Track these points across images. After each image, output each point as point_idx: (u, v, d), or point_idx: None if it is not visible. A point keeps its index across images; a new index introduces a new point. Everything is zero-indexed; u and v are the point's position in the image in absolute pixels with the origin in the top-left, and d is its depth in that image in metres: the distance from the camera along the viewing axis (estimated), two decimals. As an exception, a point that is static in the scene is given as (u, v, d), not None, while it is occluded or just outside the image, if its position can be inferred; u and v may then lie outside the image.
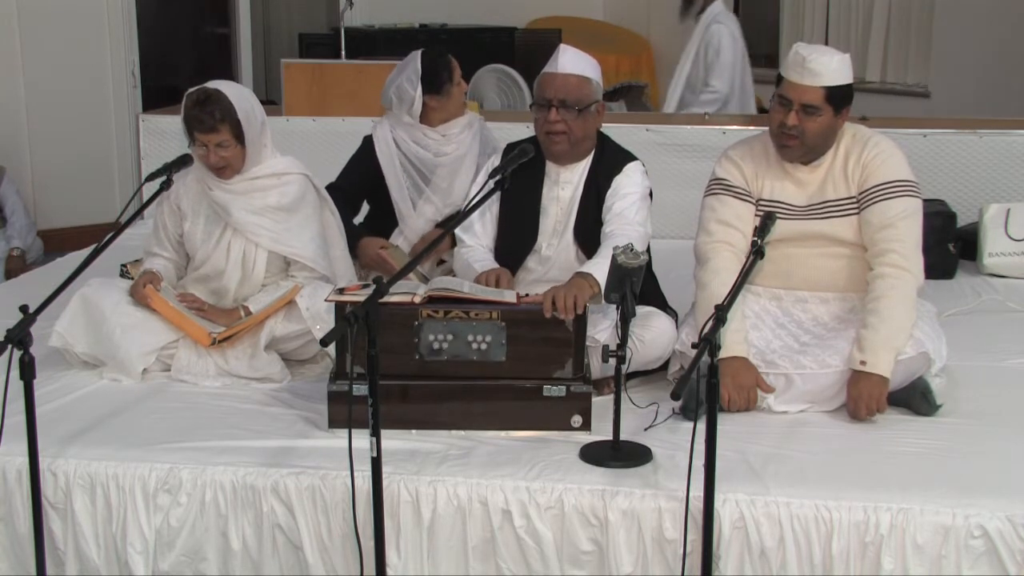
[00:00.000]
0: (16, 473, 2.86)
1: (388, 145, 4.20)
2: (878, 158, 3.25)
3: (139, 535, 2.84)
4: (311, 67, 5.84)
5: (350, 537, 2.72)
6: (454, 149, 4.13)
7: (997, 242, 4.76)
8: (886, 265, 3.17)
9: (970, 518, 2.59)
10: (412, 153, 4.17)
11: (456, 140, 4.13)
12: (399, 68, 4.17)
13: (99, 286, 3.52)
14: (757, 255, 2.82)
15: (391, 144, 4.20)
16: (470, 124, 4.16)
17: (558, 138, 3.32)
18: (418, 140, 4.15)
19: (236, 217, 3.52)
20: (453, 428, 3.02)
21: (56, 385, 3.35)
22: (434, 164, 4.15)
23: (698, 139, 5.34)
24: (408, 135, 4.14)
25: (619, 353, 2.83)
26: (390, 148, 4.21)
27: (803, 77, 3.17)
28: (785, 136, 3.23)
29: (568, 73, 3.29)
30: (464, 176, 4.12)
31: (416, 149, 4.17)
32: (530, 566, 2.72)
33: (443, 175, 4.14)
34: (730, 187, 3.34)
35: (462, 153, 4.12)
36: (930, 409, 3.13)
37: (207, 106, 3.38)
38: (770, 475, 2.74)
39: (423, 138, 4.15)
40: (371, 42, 8.13)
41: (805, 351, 3.18)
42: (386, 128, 4.17)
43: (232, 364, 3.41)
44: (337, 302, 3.02)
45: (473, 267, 3.36)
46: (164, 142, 5.69)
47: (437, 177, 4.14)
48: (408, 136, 4.14)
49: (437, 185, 4.15)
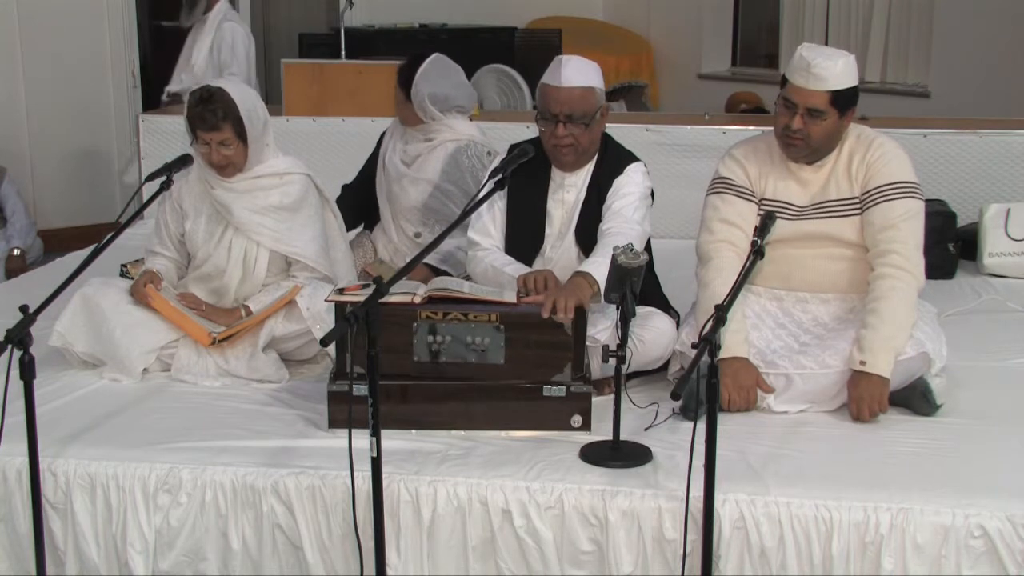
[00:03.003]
0: (16, 473, 2.86)
1: (383, 144, 4.25)
2: (882, 159, 3.25)
3: (139, 535, 2.83)
4: (311, 67, 5.84)
5: (350, 537, 2.72)
6: (417, 166, 4.12)
7: (997, 242, 4.76)
8: (887, 266, 3.17)
9: (970, 518, 2.59)
10: (388, 156, 4.19)
11: (417, 153, 4.12)
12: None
13: (99, 286, 3.52)
14: (757, 255, 2.82)
15: (385, 144, 4.24)
16: (434, 148, 4.11)
17: (566, 151, 3.32)
18: (396, 143, 4.18)
19: (238, 216, 3.52)
20: (453, 428, 3.02)
21: (56, 385, 3.35)
22: (399, 173, 4.15)
23: (698, 139, 5.34)
24: (394, 133, 4.19)
25: (619, 353, 2.82)
26: (383, 147, 4.24)
27: (808, 82, 3.16)
28: (790, 138, 3.23)
29: (572, 86, 3.26)
30: (415, 196, 4.11)
31: (390, 153, 4.19)
32: (530, 566, 2.72)
33: (404, 185, 4.13)
34: (733, 186, 3.34)
35: (418, 177, 4.11)
36: (930, 409, 3.13)
37: (210, 104, 3.39)
38: (770, 475, 2.74)
39: (399, 141, 4.18)
40: (371, 42, 8.13)
41: (805, 351, 3.18)
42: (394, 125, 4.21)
43: (232, 364, 3.41)
44: (337, 302, 3.02)
45: (503, 271, 3.31)
46: (164, 142, 5.69)
47: (398, 186, 4.14)
48: (391, 134, 4.18)
49: (396, 195, 4.15)
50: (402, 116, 4.17)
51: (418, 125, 4.11)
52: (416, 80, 4.03)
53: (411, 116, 4.11)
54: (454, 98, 4.11)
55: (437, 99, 4.06)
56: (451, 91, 4.10)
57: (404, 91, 4.07)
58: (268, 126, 3.56)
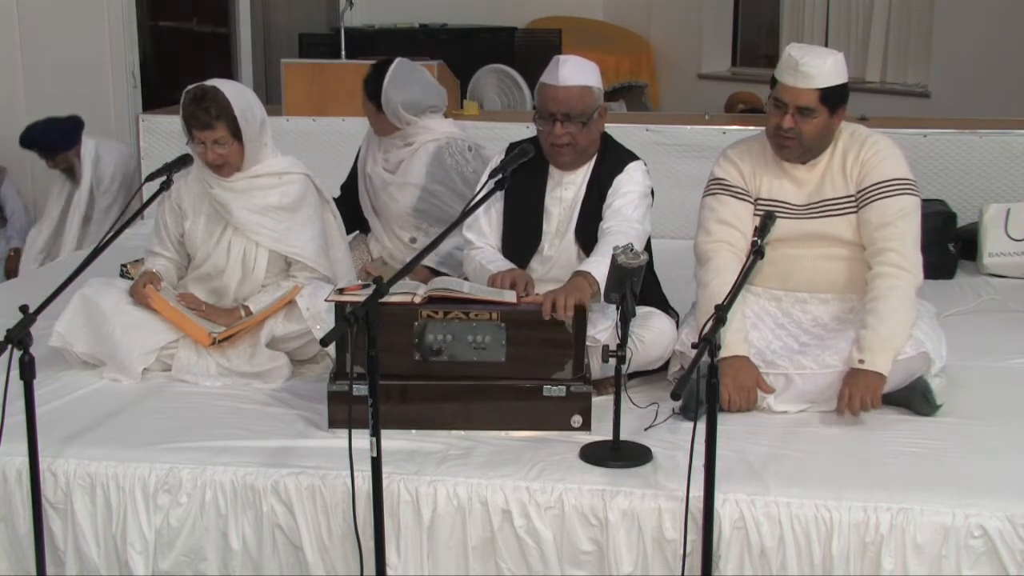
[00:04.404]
0: (16, 473, 2.86)
1: (360, 158, 4.24)
2: (876, 156, 3.26)
3: (139, 535, 2.84)
4: (311, 67, 5.83)
5: (350, 537, 2.72)
6: (402, 171, 4.11)
7: (997, 242, 4.76)
8: (885, 264, 3.17)
9: (970, 518, 2.59)
10: (369, 168, 4.18)
11: (399, 159, 4.11)
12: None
13: (99, 286, 3.53)
14: (757, 255, 2.82)
15: (363, 157, 4.23)
16: (415, 151, 4.10)
17: (564, 150, 3.33)
18: (374, 153, 4.17)
19: (237, 216, 3.52)
20: (453, 428, 3.03)
21: (56, 385, 3.36)
22: (384, 182, 4.15)
23: (698, 139, 5.35)
24: (371, 144, 4.18)
25: (619, 353, 2.83)
26: (360, 161, 4.24)
27: (797, 80, 3.17)
28: (782, 138, 3.23)
29: (569, 85, 3.27)
30: (404, 201, 4.10)
31: (371, 165, 4.18)
32: (530, 566, 2.72)
33: (391, 192, 4.13)
34: (728, 187, 3.34)
35: (404, 182, 4.10)
36: (930, 409, 3.13)
37: (203, 103, 3.39)
38: (770, 475, 2.75)
39: (377, 151, 4.17)
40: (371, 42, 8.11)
41: (805, 351, 3.18)
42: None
43: (233, 362, 3.41)
44: (337, 302, 3.02)
45: (487, 268, 3.34)
46: (164, 142, 5.70)
47: (386, 195, 4.14)
48: (367, 146, 4.18)
49: (385, 204, 4.14)
50: (376, 127, 4.14)
51: (394, 133, 4.10)
52: (385, 90, 4.00)
53: (385, 126, 4.09)
54: (425, 99, 4.09)
55: (409, 105, 4.04)
56: (421, 94, 4.08)
57: (374, 103, 4.05)
58: (266, 126, 3.56)
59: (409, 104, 4.03)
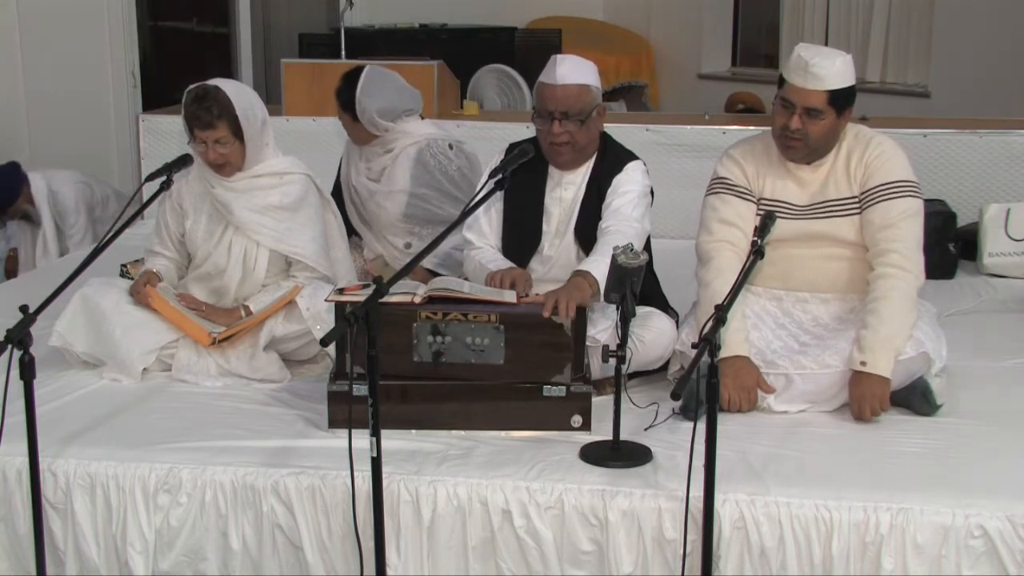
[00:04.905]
0: (16, 473, 2.86)
1: (342, 171, 4.24)
2: (880, 158, 3.25)
3: (139, 535, 2.84)
4: (311, 67, 5.84)
5: (350, 537, 2.72)
6: (386, 179, 4.10)
7: (997, 242, 4.76)
8: (887, 265, 3.17)
9: (970, 518, 2.59)
10: (353, 179, 4.17)
11: (382, 167, 4.10)
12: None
13: (99, 286, 3.53)
14: (757, 255, 2.82)
15: (344, 169, 4.22)
16: (396, 156, 4.09)
17: (563, 148, 3.33)
18: (356, 164, 4.17)
19: (238, 216, 3.52)
20: (453, 428, 3.02)
21: (56, 385, 3.36)
22: (370, 191, 4.14)
23: (698, 139, 5.35)
24: (351, 155, 4.18)
25: (619, 353, 2.82)
26: (343, 174, 4.23)
27: (806, 81, 3.16)
28: (788, 138, 3.23)
29: (567, 84, 3.27)
30: (393, 209, 4.09)
31: (354, 176, 4.17)
32: (530, 566, 2.72)
33: (379, 201, 4.12)
34: (732, 186, 3.34)
35: (390, 190, 4.10)
36: (930, 409, 3.13)
37: (204, 102, 3.39)
38: (770, 475, 2.75)
39: (359, 161, 4.16)
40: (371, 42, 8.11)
41: (805, 351, 3.18)
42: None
43: (233, 364, 3.41)
44: (337, 302, 3.02)
45: (487, 268, 3.34)
46: (164, 142, 5.70)
47: (374, 204, 4.13)
48: (348, 158, 4.19)
49: (374, 214, 4.14)
50: (354, 137, 4.13)
51: (372, 141, 4.10)
52: (359, 99, 3.98)
53: (363, 134, 4.07)
54: (400, 104, 4.07)
55: (385, 112, 4.02)
56: (396, 99, 4.06)
57: (349, 113, 4.03)
58: (267, 126, 3.56)
59: (384, 111, 4.02)
